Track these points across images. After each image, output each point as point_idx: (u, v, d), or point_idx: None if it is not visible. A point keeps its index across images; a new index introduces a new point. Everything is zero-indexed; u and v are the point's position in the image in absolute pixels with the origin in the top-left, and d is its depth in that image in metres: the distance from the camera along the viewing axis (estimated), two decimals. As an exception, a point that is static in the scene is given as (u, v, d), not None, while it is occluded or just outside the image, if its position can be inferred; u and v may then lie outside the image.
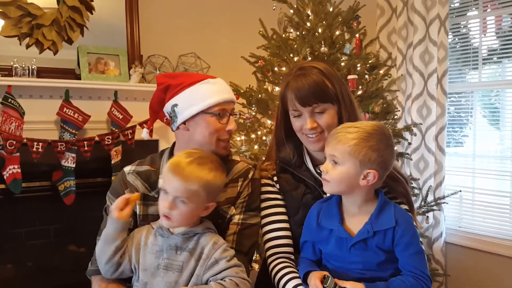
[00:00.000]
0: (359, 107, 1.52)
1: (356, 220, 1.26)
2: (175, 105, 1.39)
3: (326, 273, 1.21)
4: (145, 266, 1.27)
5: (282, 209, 1.48)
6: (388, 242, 1.22)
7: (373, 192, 1.28)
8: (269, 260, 1.41)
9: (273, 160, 1.52)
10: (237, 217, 1.46)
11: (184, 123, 1.40)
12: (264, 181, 1.52)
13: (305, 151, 1.49)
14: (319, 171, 1.45)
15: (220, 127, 1.39)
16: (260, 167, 1.55)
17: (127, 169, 1.47)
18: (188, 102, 1.37)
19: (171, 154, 1.47)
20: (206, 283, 1.24)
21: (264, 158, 1.62)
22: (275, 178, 1.51)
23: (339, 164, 1.22)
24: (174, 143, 1.50)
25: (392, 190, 1.37)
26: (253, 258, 2.25)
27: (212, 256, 1.25)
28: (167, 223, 1.25)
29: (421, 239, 1.30)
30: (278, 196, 1.49)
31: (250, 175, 1.48)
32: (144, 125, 2.73)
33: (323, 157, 1.44)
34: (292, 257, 1.42)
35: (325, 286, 1.17)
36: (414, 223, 1.31)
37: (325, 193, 1.43)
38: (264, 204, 1.50)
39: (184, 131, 1.41)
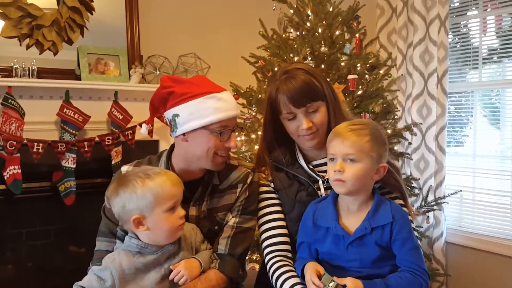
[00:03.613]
0: (343, 102, 1.54)
1: (353, 218, 1.27)
2: (176, 115, 1.35)
3: (322, 270, 1.21)
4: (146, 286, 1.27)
5: (278, 208, 1.49)
6: (386, 238, 1.23)
7: (371, 189, 1.29)
8: (267, 258, 1.43)
9: (268, 164, 1.53)
10: (232, 220, 1.46)
11: (183, 134, 1.38)
12: (260, 181, 1.53)
13: (298, 149, 1.50)
14: (311, 167, 1.47)
15: (220, 144, 1.37)
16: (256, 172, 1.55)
17: (124, 168, 1.47)
18: (189, 115, 1.34)
19: (169, 158, 1.46)
20: None
21: (255, 165, 1.58)
22: (270, 178, 1.52)
23: (356, 161, 1.22)
24: (172, 146, 1.49)
25: (385, 183, 1.37)
26: (254, 258, 2.26)
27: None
28: None
29: (418, 235, 1.31)
30: (274, 195, 1.51)
31: (249, 180, 1.48)
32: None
33: (315, 154, 1.48)
34: (290, 255, 1.43)
35: (321, 281, 1.17)
36: (410, 218, 1.33)
37: (319, 189, 1.44)
38: (260, 204, 1.51)
39: (182, 141, 1.40)
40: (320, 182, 1.44)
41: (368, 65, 2.42)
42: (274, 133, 1.49)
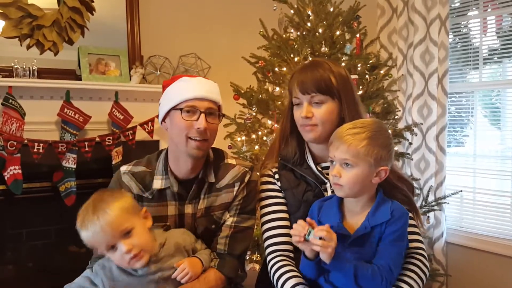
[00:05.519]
0: (365, 111, 1.52)
1: (355, 218, 1.27)
2: (159, 105, 1.45)
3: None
4: None
5: (283, 207, 1.48)
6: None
7: (375, 190, 1.29)
8: (269, 257, 1.42)
9: (276, 154, 1.53)
10: (230, 219, 1.46)
11: (164, 121, 1.44)
12: (265, 178, 1.53)
13: (307, 149, 1.49)
14: (320, 169, 1.46)
15: (189, 124, 1.36)
16: (262, 164, 1.56)
17: (123, 169, 1.48)
18: (163, 100, 1.43)
19: (166, 156, 1.47)
20: None
21: (267, 153, 1.63)
22: (276, 176, 1.51)
23: (352, 166, 1.21)
24: None
25: (392, 197, 1.34)
26: (254, 259, 2.26)
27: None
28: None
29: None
30: (279, 194, 1.50)
31: (246, 179, 1.48)
32: (145, 126, 2.74)
33: (324, 154, 1.45)
34: (292, 255, 1.43)
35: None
36: (414, 222, 1.32)
37: (326, 191, 1.43)
38: (265, 202, 1.50)
39: (166, 129, 1.46)
40: (328, 184, 1.43)
41: (368, 65, 2.42)
42: (290, 119, 1.49)
